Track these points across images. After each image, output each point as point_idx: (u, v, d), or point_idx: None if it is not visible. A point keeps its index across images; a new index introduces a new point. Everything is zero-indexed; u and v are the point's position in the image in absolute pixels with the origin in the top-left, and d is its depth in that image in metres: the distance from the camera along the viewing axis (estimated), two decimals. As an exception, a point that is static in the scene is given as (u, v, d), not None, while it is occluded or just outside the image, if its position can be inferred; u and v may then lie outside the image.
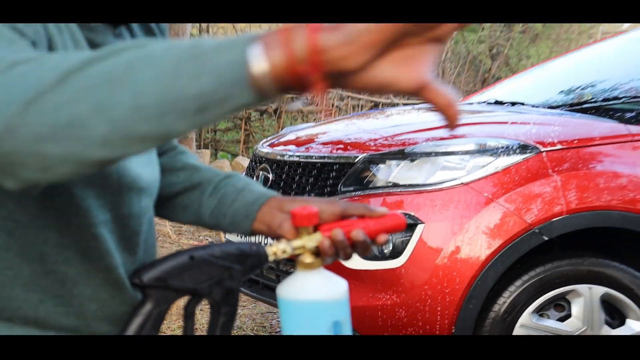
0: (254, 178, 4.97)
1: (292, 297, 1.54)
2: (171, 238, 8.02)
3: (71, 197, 1.40)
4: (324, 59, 1.04)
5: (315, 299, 1.52)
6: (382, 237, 1.55)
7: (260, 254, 1.53)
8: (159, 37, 1.68)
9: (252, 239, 3.71)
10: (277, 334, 5.51)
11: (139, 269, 1.48)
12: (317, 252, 1.53)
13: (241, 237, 4.09)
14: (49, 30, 1.33)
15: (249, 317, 5.89)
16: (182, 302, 1.56)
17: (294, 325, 1.55)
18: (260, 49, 1.05)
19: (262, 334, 5.63)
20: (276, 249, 1.52)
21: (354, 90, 1.16)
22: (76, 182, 1.39)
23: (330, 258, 1.54)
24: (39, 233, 1.41)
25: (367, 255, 1.58)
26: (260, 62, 1.04)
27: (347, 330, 1.55)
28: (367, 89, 1.10)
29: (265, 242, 1.61)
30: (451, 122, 1.10)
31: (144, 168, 1.56)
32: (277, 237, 1.60)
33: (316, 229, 1.55)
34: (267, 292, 4.63)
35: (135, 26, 1.60)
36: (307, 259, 1.52)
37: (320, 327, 1.52)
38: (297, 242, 1.52)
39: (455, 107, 1.06)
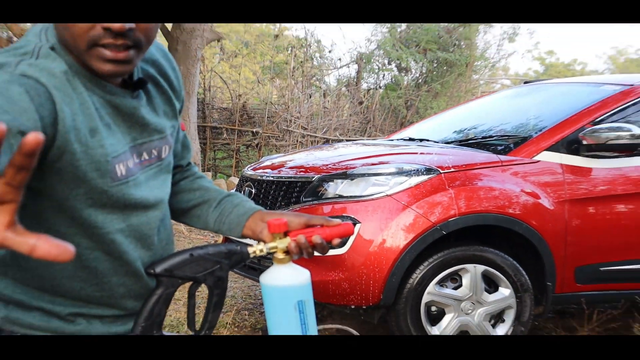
0: (242, 192, 4.98)
1: (268, 283, 1.59)
2: (184, 234, 7.86)
3: (87, 216, 1.43)
4: None
5: (284, 285, 1.58)
6: (335, 241, 1.61)
7: (243, 252, 1.59)
8: (172, 96, 1.64)
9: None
10: (263, 335, 5.37)
11: (152, 263, 1.54)
12: (287, 251, 1.58)
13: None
14: (56, 108, 1.31)
15: (239, 289, 5.78)
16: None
17: (270, 303, 1.60)
18: None
19: (250, 301, 5.52)
20: (255, 249, 1.59)
21: None
22: (88, 206, 1.42)
23: (297, 256, 1.58)
24: (73, 239, 1.42)
25: (325, 254, 1.64)
26: None
27: (310, 306, 1.59)
28: None
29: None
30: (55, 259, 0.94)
31: (152, 191, 1.56)
32: (259, 239, 1.64)
33: (286, 234, 1.60)
34: (251, 271, 4.63)
35: (151, 88, 1.57)
36: (280, 256, 1.58)
37: (288, 305, 1.58)
38: (272, 244, 1.58)
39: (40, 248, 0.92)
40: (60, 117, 1.32)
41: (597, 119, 4.77)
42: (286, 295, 1.59)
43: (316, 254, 1.65)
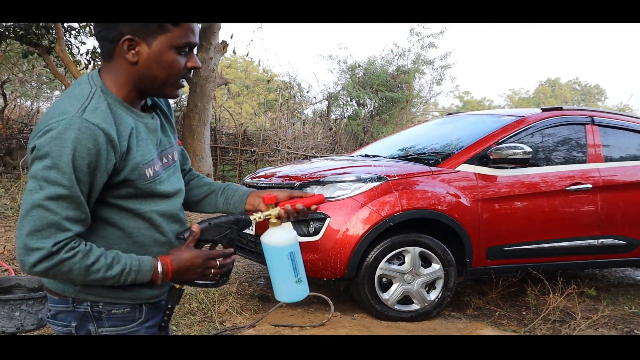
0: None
1: (266, 241, 1.64)
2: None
3: (130, 205, 1.49)
4: (172, 277, 1.50)
5: (279, 241, 1.63)
6: (313, 207, 1.67)
7: (247, 219, 1.63)
8: (169, 116, 1.69)
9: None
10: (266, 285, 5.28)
11: (181, 231, 1.58)
12: (278, 217, 1.64)
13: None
14: (113, 144, 1.40)
15: (241, 267, 5.69)
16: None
17: (270, 256, 1.65)
18: (157, 271, 1.48)
19: (249, 275, 5.45)
20: (255, 216, 1.65)
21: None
22: (130, 198, 1.48)
23: (286, 220, 1.65)
24: (124, 222, 1.49)
25: (305, 218, 1.72)
26: (157, 276, 1.49)
27: (298, 256, 1.64)
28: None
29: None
30: None
31: (172, 184, 1.59)
32: (257, 211, 1.68)
33: (277, 204, 1.66)
34: (250, 254, 4.59)
35: (158, 111, 1.62)
36: (273, 220, 1.65)
37: (283, 256, 1.63)
38: (266, 212, 1.65)
39: None
40: (116, 148, 1.41)
41: (500, 140, 4.80)
42: (281, 249, 1.63)
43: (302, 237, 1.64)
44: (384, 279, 4.35)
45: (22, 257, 1.34)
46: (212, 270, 1.56)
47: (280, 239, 1.64)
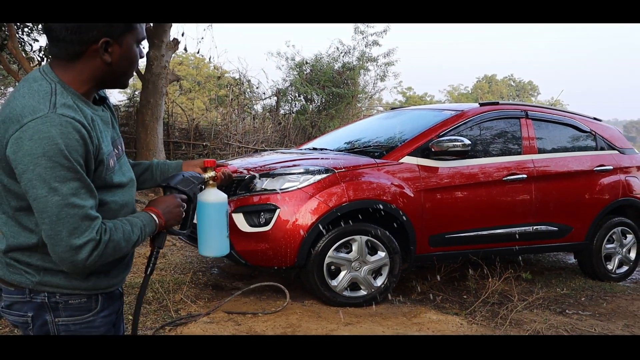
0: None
1: (209, 200, 1.80)
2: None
3: (100, 197, 1.47)
4: (163, 225, 1.61)
5: (219, 199, 1.81)
6: (234, 175, 2.00)
7: (203, 177, 1.81)
8: (112, 109, 1.70)
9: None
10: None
11: (166, 181, 1.76)
12: (215, 179, 1.84)
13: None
14: (91, 134, 1.42)
15: (195, 257, 5.54)
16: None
17: (210, 212, 1.80)
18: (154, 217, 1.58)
19: (203, 265, 5.30)
20: (205, 176, 1.82)
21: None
22: (101, 192, 1.48)
23: (220, 182, 1.86)
24: (102, 211, 1.49)
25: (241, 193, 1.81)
26: (161, 219, 1.60)
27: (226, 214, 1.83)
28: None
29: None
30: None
31: (125, 174, 1.60)
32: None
33: (214, 169, 1.86)
34: (193, 242, 4.52)
35: (107, 106, 1.63)
36: (211, 182, 1.83)
37: (223, 213, 1.80)
38: (210, 174, 1.83)
39: None
40: (93, 139, 1.42)
41: (441, 133, 4.85)
42: (222, 205, 1.80)
43: (247, 227, 1.70)
44: (333, 267, 4.34)
45: (72, 258, 1.37)
46: (181, 212, 1.69)
47: (221, 197, 1.80)
